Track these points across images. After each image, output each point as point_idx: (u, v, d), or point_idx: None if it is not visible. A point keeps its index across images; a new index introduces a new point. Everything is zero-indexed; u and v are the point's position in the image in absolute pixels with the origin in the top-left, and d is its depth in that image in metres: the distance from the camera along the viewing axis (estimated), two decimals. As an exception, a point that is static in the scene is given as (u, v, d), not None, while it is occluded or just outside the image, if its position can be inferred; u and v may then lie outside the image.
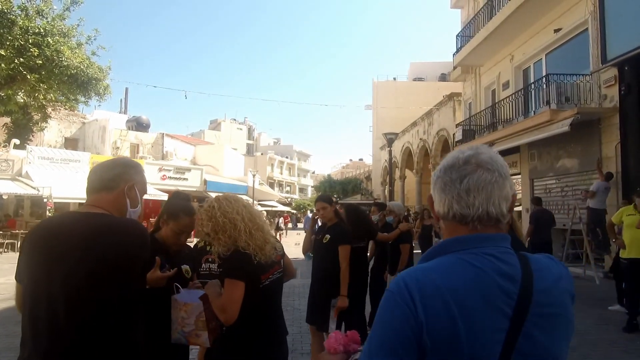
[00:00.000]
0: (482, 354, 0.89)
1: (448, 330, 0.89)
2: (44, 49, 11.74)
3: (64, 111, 26.43)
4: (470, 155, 1.02)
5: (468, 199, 0.98)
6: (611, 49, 9.07)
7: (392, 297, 0.94)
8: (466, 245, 0.98)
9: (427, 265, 0.98)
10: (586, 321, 6.04)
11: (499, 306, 0.92)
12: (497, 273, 0.94)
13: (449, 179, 1.01)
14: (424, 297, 0.91)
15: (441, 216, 1.05)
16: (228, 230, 2.17)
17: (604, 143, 9.80)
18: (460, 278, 0.93)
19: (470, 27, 15.89)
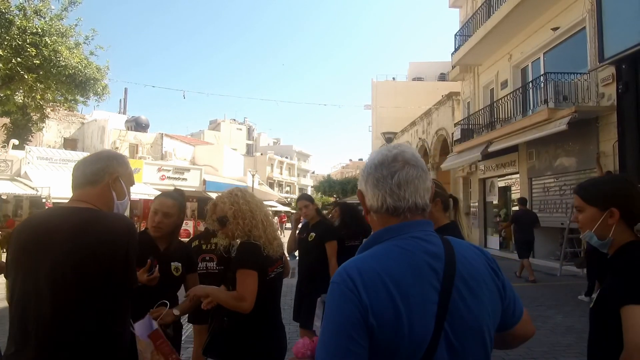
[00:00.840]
0: (420, 326, 0.98)
1: (390, 309, 0.97)
2: (41, 49, 11.74)
3: (63, 111, 26.44)
4: (397, 154, 1.12)
5: (399, 193, 1.09)
6: (608, 47, 9.06)
7: (338, 287, 1.01)
8: (397, 233, 1.09)
9: (364, 255, 1.08)
10: (583, 319, 6.03)
11: (430, 281, 1.02)
12: (425, 252, 1.05)
13: (381, 175, 1.10)
14: (365, 282, 0.99)
15: (374, 210, 1.13)
16: (247, 218, 2.28)
17: (601, 141, 9.79)
18: (394, 261, 1.03)
19: (468, 26, 15.90)
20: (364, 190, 1.16)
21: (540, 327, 5.68)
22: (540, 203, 12.33)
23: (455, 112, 18.88)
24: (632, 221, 1.51)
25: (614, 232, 1.52)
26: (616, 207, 1.51)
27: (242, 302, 2.12)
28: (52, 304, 1.41)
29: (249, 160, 49.88)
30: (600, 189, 1.59)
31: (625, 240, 1.51)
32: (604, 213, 1.53)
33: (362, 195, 1.18)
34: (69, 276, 1.41)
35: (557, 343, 5.03)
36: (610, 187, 1.58)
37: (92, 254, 1.43)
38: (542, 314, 6.40)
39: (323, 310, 2.01)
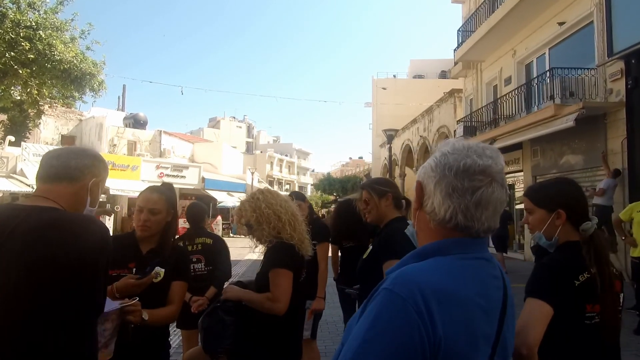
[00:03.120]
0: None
1: (465, 347, 0.79)
2: (35, 43, 11.47)
3: (60, 108, 26.19)
4: (487, 166, 0.92)
5: (475, 214, 0.91)
6: (617, 41, 8.81)
7: (401, 303, 0.78)
8: (466, 249, 0.91)
9: (432, 266, 0.87)
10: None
11: (494, 311, 0.89)
12: (492, 277, 0.92)
13: (460, 185, 0.91)
14: (442, 309, 0.78)
15: (436, 219, 0.94)
16: (272, 221, 2.16)
17: (609, 138, 9.54)
18: (471, 284, 0.86)
19: (471, 21, 15.63)
20: (428, 189, 0.96)
21: (550, 330, 5.45)
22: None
23: (457, 110, 18.63)
24: (577, 222, 1.57)
25: (560, 232, 1.59)
26: (563, 209, 1.58)
27: (277, 303, 2.01)
28: (1, 315, 1.16)
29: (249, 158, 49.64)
30: (548, 191, 1.67)
31: (569, 239, 1.58)
32: (552, 214, 1.59)
33: (422, 190, 0.97)
34: (21, 284, 1.16)
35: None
36: (557, 190, 1.66)
37: (51, 259, 1.18)
38: (551, 316, 6.15)
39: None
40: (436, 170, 0.94)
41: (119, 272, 1.99)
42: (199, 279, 3.16)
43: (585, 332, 1.48)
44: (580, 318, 1.48)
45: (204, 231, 3.72)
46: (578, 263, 1.52)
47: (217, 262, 3.52)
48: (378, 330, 0.77)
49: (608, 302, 1.50)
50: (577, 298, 1.48)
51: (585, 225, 1.57)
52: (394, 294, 0.79)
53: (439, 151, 0.97)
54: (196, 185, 24.67)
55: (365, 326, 0.79)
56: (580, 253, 1.54)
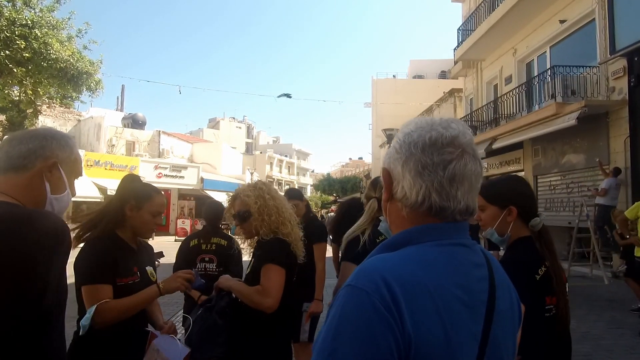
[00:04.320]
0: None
1: (441, 344, 0.71)
2: (31, 42, 11.34)
3: (59, 108, 26.09)
4: (455, 137, 0.84)
5: (450, 190, 0.82)
6: (620, 38, 8.69)
7: (367, 299, 0.70)
8: (440, 235, 0.82)
9: (399, 257, 0.79)
10: (598, 324, 5.67)
11: (477, 305, 0.79)
12: (473, 265, 0.83)
13: (430, 161, 0.82)
14: (412, 301, 0.70)
15: (408, 204, 0.84)
16: (274, 214, 2.04)
17: (612, 137, 9.41)
18: (446, 273, 0.77)
19: (471, 20, 15.51)
20: (396, 173, 0.86)
21: (553, 333, 5.32)
22: (546, 202, 11.96)
23: (457, 109, 18.54)
24: (527, 218, 1.62)
25: (512, 228, 1.62)
26: (514, 206, 1.61)
27: (267, 297, 1.87)
28: None
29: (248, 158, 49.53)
30: (500, 188, 1.70)
31: (520, 235, 1.62)
32: (504, 211, 1.62)
33: (389, 177, 0.88)
34: None
35: (573, 351, 4.63)
36: (508, 187, 1.70)
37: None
38: (554, 318, 6.03)
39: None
40: (401, 150, 0.85)
41: (132, 279, 1.88)
42: (209, 279, 3.07)
43: (545, 324, 1.54)
44: (540, 311, 1.53)
45: (220, 232, 3.63)
46: (535, 258, 1.58)
47: (228, 264, 3.41)
48: (345, 338, 0.68)
49: (561, 294, 1.58)
50: (538, 292, 1.52)
51: (534, 222, 1.62)
52: (357, 289, 0.71)
53: (402, 132, 0.88)
54: (195, 186, 24.54)
55: (330, 334, 0.70)
56: (535, 248, 1.60)
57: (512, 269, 1.48)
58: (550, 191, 11.76)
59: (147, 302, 1.84)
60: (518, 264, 1.55)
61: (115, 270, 1.80)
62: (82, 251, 1.85)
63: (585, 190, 10.02)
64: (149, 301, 1.84)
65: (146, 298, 1.81)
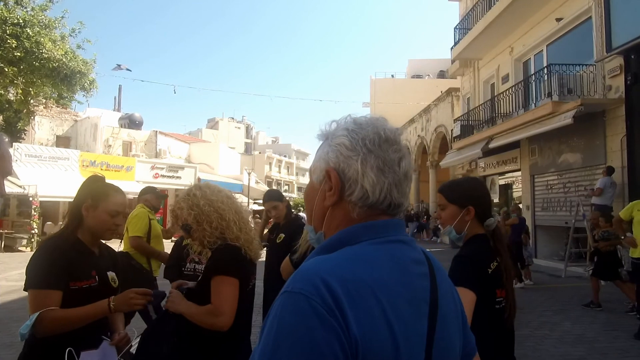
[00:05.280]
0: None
1: (388, 345, 0.67)
2: (22, 41, 11.23)
3: (55, 109, 25.98)
4: (399, 133, 0.85)
5: (403, 187, 0.82)
6: (616, 36, 8.58)
7: (306, 302, 0.64)
8: (378, 234, 0.78)
9: (339, 257, 0.73)
10: (594, 326, 5.57)
11: (420, 303, 0.76)
12: (413, 262, 0.79)
13: (388, 157, 0.80)
14: (355, 302, 0.66)
15: (367, 203, 0.79)
16: (214, 220, 1.85)
17: (608, 136, 9.31)
18: (387, 272, 0.73)
19: (468, 19, 15.42)
20: (351, 172, 0.79)
21: (548, 335, 5.22)
22: (543, 201, 11.86)
23: (454, 109, 18.42)
24: (482, 217, 1.72)
25: (468, 227, 1.71)
26: (472, 205, 1.70)
27: (219, 316, 1.71)
28: None
29: (247, 158, 49.39)
30: (460, 189, 1.78)
31: (475, 233, 1.72)
32: (463, 210, 1.70)
33: (340, 179, 0.80)
34: None
35: (567, 354, 4.56)
36: (468, 188, 1.79)
37: None
38: (549, 320, 5.93)
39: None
40: (355, 147, 0.79)
41: (88, 283, 1.76)
42: (197, 279, 2.96)
43: (495, 315, 1.64)
44: (491, 302, 1.63)
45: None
46: (488, 253, 1.68)
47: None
48: (285, 351, 0.62)
49: (509, 288, 1.68)
50: (489, 284, 1.62)
51: (489, 221, 1.73)
52: (294, 295, 0.66)
53: (344, 129, 0.82)
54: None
55: (268, 349, 0.63)
56: (488, 244, 1.70)
57: (466, 261, 1.65)
58: (547, 191, 11.67)
59: (94, 317, 1.69)
60: (471, 257, 1.66)
61: (69, 274, 1.69)
62: (35, 254, 1.74)
63: (582, 190, 9.92)
64: (96, 316, 1.69)
65: (93, 313, 1.68)
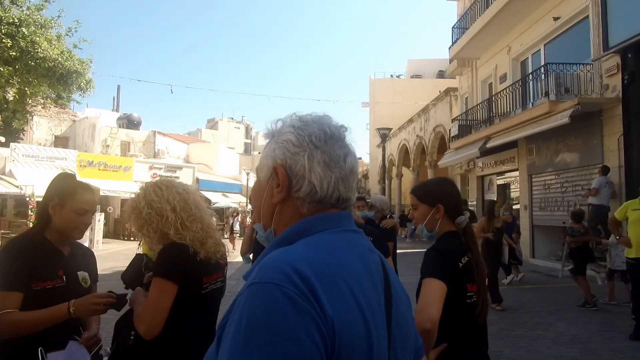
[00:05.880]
0: (380, 347, 0.70)
1: (361, 327, 0.67)
2: (18, 40, 11.19)
3: (54, 109, 25.94)
4: (344, 130, 0.86)
5: (350, 182, 0.84)
6: (613, 35, 8.53)
7: (278, 290, 0.62)
8: (332, 224, 0.80)
9: (302, 245, 0.74)
10: (589, 327, 5.52)
11: (378, 286, 0.78)
12: (369, 250, 0.82)
13: (334, 153, 0.82)
14: (327, 285, 0.66)
15: (317, 198, 0.80)
16: (154, 222, 1.72)
17: (605, 135, 9.26)
18: (349, 256, 0.75)
19: (466, 18, 15.37)
20: (298, 168, 0.80)
21: (542, 336, 5.17)
22: (540, 201, 11.81)
23: (453, 108, 18.37)
24: (453, 216, 1.78)
25: (440, 225, 1.78)
26: (441, 204, 1.78)
27: (139, 324, 1.58)
28: None
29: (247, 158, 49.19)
30: (430, 189, 1.87)
31: (448, 230, 1.79)
32: (433, 209, 1.78)
33: (287, 174, 0.80)
34: None
35: (560, 355, 4.51)
36: (437, 187, 1.87)
37: None
38: (543, 320, 5.88)
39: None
40: (302, 143, 0.80)
41: (52, 284, 1.71)
42: None
43: (465, 309, 1.67)
44: (462, 296, 1.66)
45: None
46: (459, 248, 1.73)
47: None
48: (259, 344, 0.58)
49: (481, 284, 1.71)
50: (460, 278, 1.65)
51: (460, 219, 1.78)
52: (263, 285, 0.63)
53: (290, 126, 0.83)
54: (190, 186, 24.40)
55: (238, 348, 0.59)
56: (459, 240, 1.76)
57: (436, 254, 1.70)
58: (545, 190, 11.62)
59: (53, 321, 1.62)
60: (442, 250, 1.71)
61: (31, 274, 1.64)
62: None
63: (579, 190, 9.88)
64: (54, 320, 1.62)
65: (51, 317, 1.62)
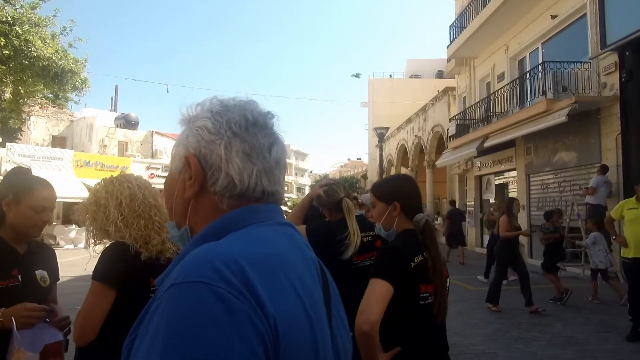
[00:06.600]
0: (326, 346, 0.64)
1: (304, 319, 0.61)
2: (11, 39, 11.10)
3: (51, 109, 25.85)
4: (270, 116, 0.77)
5: (276, 175, 0.76)
6: (611, 33, 8.45)
7: (207, 290, 0.53)
8: (264, 216, 0.73)
9: (233, 238, 0.65)
10: (585, 328, 5.43)
11: (316, 276, 0.72)
12: (305, 245, 0.76)
13: (257, 142, 0.73)
14: (265, 279, 0.58)
15: (237, 192, 0.71)
16: (99, 219, 1.67)
17: (603, 134, 9.17)
18: (287, 248, 0.69)
19: (463, 17, 15.28)
20: (214, 158, 0.71)
21: (537, 337, 5.08)
22: (538, 201, 11.72)
23: (451, 108, 18.28)
24: (411, 214, 1.73)
25: (397, 223, 1.74)
26: (398, 201, 1.74)
27: (75, 329, 1.53)
28: None
29: (245, 159, 49.21)
30: (387, 186, 1.85)
31: (405, 229, 1.73)
32: (389, 207, 1.74)
33: (201, 166, 0.71)
34: None
35: (556, 357, 4.42)
36: (394, 185, 1.84)
37: None
38: (540, 321, 5.79)
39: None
40: (219, 131, 0.71)
41: (4, 283, 1.63)
42: None
43: (419, 311, 1.60)
44: (415, 298, 1.60)
45: None
46: (413, 247, 1.66)
47: None
48: (182, 356, 0.49)
49: (439, 284, 1.63)
50: (412, 278, 1.59)
51: (418, 217, 1.72)
52: (189, 284, 0.54)
53: (207, 111, 0.73)
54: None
55: (155, 356, 0.50)
56: (416, 239, 1.68)
57: (385, 253, 1.66)
58: (543, 190, 11.53)
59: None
60: (392, 249, 1.67)
61: None
62: None
63: (577, 189, 9.79)
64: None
65: None
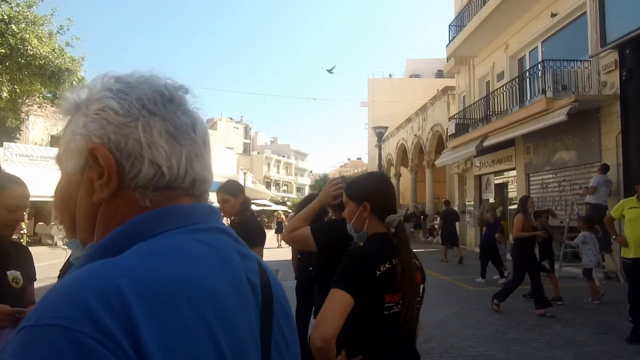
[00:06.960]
0: None
1: (210, 357, 0.49)
2: (7, 37, 11.03)
3: (50, 108, 25.78)
4: (185, 90, 0.63)
5: (205, 158, 0.63)
6: (611, 31, 8.38)
7: (65, 338, 0.40)
8: (187, 219, 0.58)
9: (131, 254, 0.51)
10: (585, 329, 5.35)
11: (250, 306, 0.59)
12: (239, 254, 0.61)
13: (179, 120, 0.60)
14: (159, 310, 0.46)
15: (165, 182, 0.57)
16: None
17: (603, 133, 9.10)
18: (205, 264, 0.54)
19: (462, 15, 15.20)
20: (129, 146, 0.56)
21: (536, 339, 5.00)
22: (538, 200, 11.60)
23: (450, 107, 18.21)
24: (383, 214, 1.62)
25: (367, 224, 1.63)
26: (367, 202, 1.63)
27: None
28: None
29: (245, 159, 49.24)
30: (358, 185, 1.73)
31: (376, 231, 1.62)
32: (360, 207, 1.64)
33: (112, 156, 0.56)
34: None
35: (555, 359, 4.34)
36: (365, 184, 1.73)
37: None
38: (539, 322, 5.71)
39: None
40: (130, 111, 0.56)
41: None
42: None
43: (383, 321, 1.50)
44: (379, 308, 1.50)
45: None
46: (382, 253, 1.54)
47: None
48: None
49: (408, 292, 1.52)
50: (376, 288, 1.49)
51: (390, 218, 1.62)
52: (42, 329, 0.41)
53: (105, 90, 0.58)
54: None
55: None
56: (386, 243, 1.57)
57: (348, 261, 1.53)
58: (543, 190, 11.45)
59: None
60: (356, 257, 1.54)
61: None
62: None
63: (577, 189, 9.72)
64: None
65: None
